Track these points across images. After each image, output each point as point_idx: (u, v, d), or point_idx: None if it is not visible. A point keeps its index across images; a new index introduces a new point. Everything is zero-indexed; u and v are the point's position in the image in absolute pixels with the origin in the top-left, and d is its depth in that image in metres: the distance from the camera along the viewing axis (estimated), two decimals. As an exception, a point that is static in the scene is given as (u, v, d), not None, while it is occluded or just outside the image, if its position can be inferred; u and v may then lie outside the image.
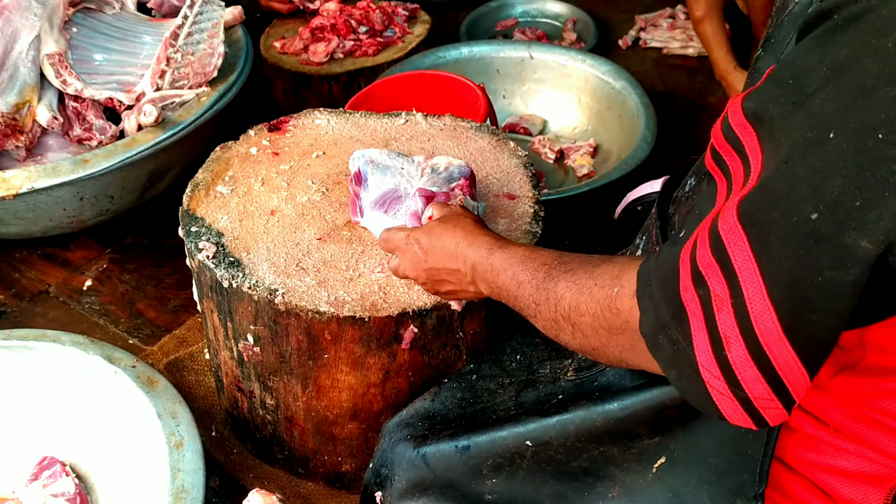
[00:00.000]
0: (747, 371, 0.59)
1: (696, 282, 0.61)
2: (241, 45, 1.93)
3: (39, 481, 1.22)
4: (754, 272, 0.57)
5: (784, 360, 0.58)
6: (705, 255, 0.60)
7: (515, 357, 1.08)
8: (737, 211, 0.58)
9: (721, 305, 0.59)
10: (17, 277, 1.77)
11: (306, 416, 1.20)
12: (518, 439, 0.90)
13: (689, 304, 0.61)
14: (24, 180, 1.58)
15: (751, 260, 0.57)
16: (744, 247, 0.57)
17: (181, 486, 1.11)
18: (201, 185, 1.25)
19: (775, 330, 0.57)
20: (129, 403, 1.23)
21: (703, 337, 0.60)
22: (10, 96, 1.64)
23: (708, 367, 0.61)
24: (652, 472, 0.83)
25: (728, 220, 0.58)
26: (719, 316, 0.59)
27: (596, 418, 0.86)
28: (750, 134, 0.60)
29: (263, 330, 1.11)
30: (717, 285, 0.59)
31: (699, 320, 0.60)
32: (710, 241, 0.59)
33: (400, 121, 1.41)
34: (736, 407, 0.61)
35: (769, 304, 0.56)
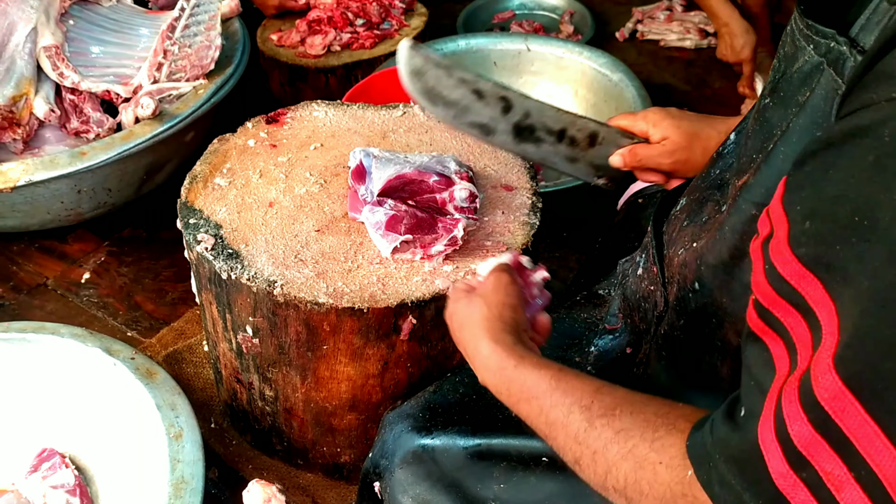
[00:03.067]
0: None
1: (794, 465, 0.54)
2: (238, 37, 1.93)
3: (39, 473, 1.23)
4: (876, 436, 0.50)
5: None
6: (804, 432, 0.53)
7: None
8: (836, 373, 0.51)
9: (841, 484, 0.52)
10: (14, 270, 1.77)
11: (305, 408, 1.20)
12: (534, 452, 0.90)
13: (790, 491, 0.54)
14: (21, 173, 1.58)
15: (868, 424, 0.50)
16: (856, 412, 0.51)
17: (181, 477, 1.11)
18: (199, 177, 1.25)
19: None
20: (129, 395, 1.24)
21: None
22: (7, 89, 1.64)
23: None
24: None
25: (829, 387, 0.52)
26: (842, 495, 0.52)
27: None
28: (813, 283, 0.54)
29: (262, 321, 1.11)
30: (828, 463, 0.52)
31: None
32: (808, 415, 0.53)
33: (398, 113, 1.41)
34: None
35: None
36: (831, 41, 0.67)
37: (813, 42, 0.70)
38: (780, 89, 0.75)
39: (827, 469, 0.52)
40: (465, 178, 1.17)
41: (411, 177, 1.15)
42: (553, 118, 1.12)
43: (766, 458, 0.55)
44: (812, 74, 0.70)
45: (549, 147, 1.12)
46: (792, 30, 0.75)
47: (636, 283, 1.02)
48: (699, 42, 2.48)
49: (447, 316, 0.93)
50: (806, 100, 0.70)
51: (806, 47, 0.71)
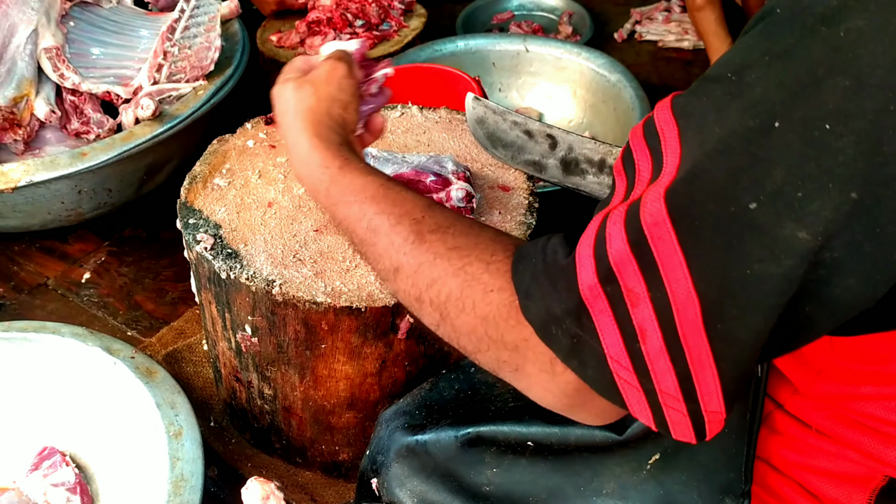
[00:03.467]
0: (660, 362, 0.56)
1: (603, 279, 0.57)
2: (238, 38, 1.94)
3: (40, 471, 1.24)
4: (680, 264, 0.54)
5: (698, 354, 0.55)
6: (621, 250, 0.56)
7: None
8: (665, 202, 0.54)
9: (637, 301, 0.56)
10: (15, 270, 1.78)
11: (304, 406, 1.21)
12: (520, 436, 0.91)
13: (592, 301, 0.58)
14: (22, 174, 1.59)
15: (677, 252, 0.54)
16: (670, 239, 0.54)
17: (180, 475, 1.12)
18: (199, 177, 1.26)
19: (696, 321, 0.54)
20: (129, 394, 1.25)
21: (614, 332, 0.57)
22: (8, 90, 1.65)
23: (618, 359, 0.58)
24: (646, 468, 0.85)
25: (654, 213, 0.55)
26: (634, 311, 0.56)
27: (595, 434, 0.87)
28: (672, 129, 0.57)
29: (261, 320, 1.12)
30: (632, 280, 0.56)
31: (608, 316, 0.57)
32: (629, 236, 0.56)
33: (396, 113, 1.42)
34: (640, 397, 0.58)
35: (694, 296, 0.54)
36: None
37: None
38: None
39: (629, 286, 0.56)
40: (462, 178, 1.18)
41: (408, 177, 1.16)
42: (592, 149, 1.20)
43: (579, 270, 0.58)
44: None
45: (593, 178, 1.20)
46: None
47: None
48: (697, 43, 2.49)
49: (274, 94, 0.87)
50: None
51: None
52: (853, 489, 0.74)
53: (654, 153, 0.58)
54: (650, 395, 0.58)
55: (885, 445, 0.70)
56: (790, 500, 0.79)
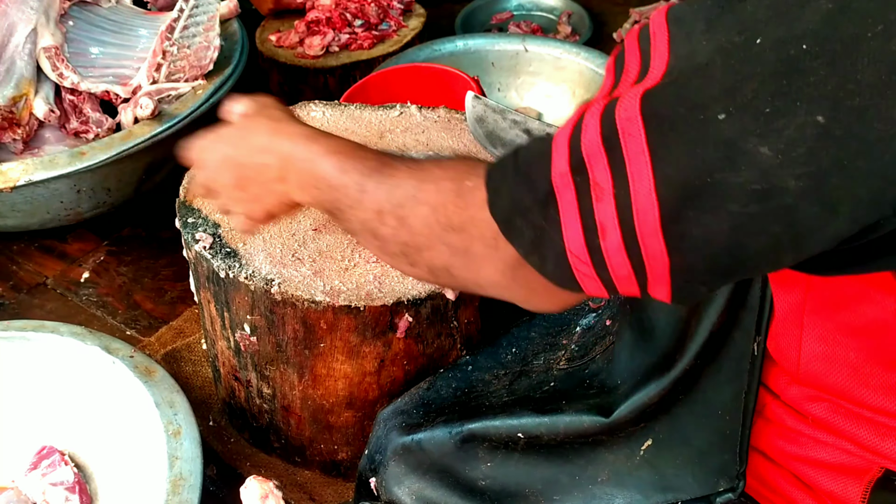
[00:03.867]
0: (617, 258, 0.58)
1: (574, 168, 0.58)
2: (237, 38, 1.94)
3: (38, 470, 1.24)
4: (646, 164, 0.55)
5: (653, 252, 0.57)
6: (593, 141, 0.57)
7: (511, 350, 1.09)
8: (640, 103, 0.55)
9: (601, 195, 0.57)
10: (14, 270, 1.78)
11: (303, 405, 1.21)
12: (511, 430, 0.92)
13: (561, 190, 0.59)
14: (21, 173, 1.59)
15: (644, 152, 0.55)
16: (640, 138, 0.55)
17: (179, 474, 1.12)
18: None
19: (654, 223, 0.55)
20: (127, 393, 1.25)
21: (576, 225, 0.59)
22: (7, 89, 1.65)
23: (577, 254, 0.60)
24: (639, 454, 0.85)
25: (628, 111, 0.56)
26: (598, 205, 0.57)
27: (584, 420, 0.88)
28: (663, 34, 0.58)
29: (260, 319, 1.12)
30: (600, 174, 0.57)
31: (573, 208, 0.59)
32: (602, 129, 0.57)
33: (395, 113, 1.42)
34: (598, 284, 0.61)
35: (654, 198, 0.55)
36: None
37: None
38: None
39: (597, 179, 0.57)
40: None
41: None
42: None
43: (553, 157, 0.60)
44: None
45: None
46: None
47: None
48: (696, 43, 2.49)
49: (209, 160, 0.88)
50: None
51: None
52: (849, 481, 0.74)
53: (644, 55, 0.59)
54: (606, 281, 0.60)
55: (882, 436, 0.70)
56: (785, 492, 0.79)
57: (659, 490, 0.84)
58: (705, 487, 0.81)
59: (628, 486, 0.85)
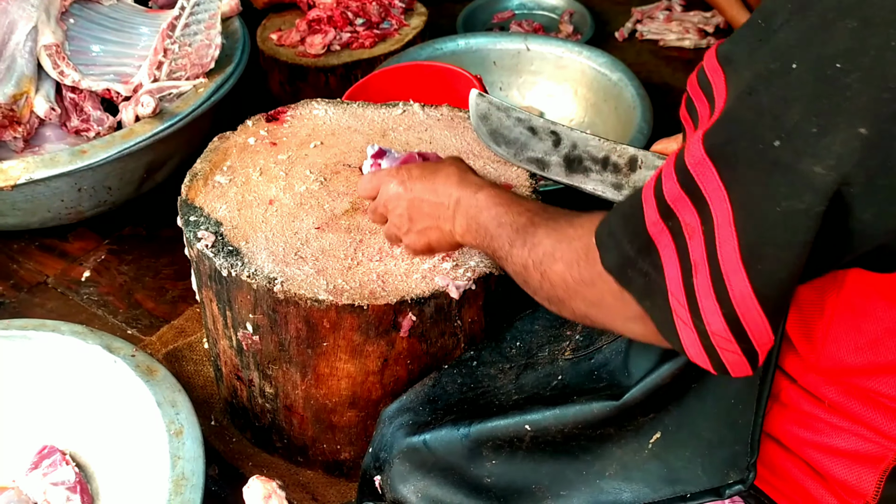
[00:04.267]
0: (708, 300, 0.61)
1: (664, 215, 0.63)
2: (238, 36, 1.93)
3: (39, 470, 1.23)
4: (724, 199, 0.58)
5: (741, 293, 0.59)
6: (673, 189, 0.62)
7: (515, 343, 1.09)
8: (703, 143, 0.60)
9: (693, 233, 0.61)
10: (15, 268, 1.77)
11: (305, 405, 1.21)
12: (518, 425, 0.91)
13: (657, 236, 0.63)
14: (22, 171, 1.58)
15: (720, 188, 0.58)
16: (713, 176, 0.59)
17: (181, 474, 1.11)
18: (200, 174, 1.26)
19: (735, 257, 0.58)
20: (129, 392, 1.24)
21: (675, 265, 0.63)
22: (8, 87, 1.64)
23: (676, 295, 0.63)
24: (648, 447, 0.85)
25: (695, 153, 0.60)
26: (691, 244, 0.61)
27: (594, 407, 0.87)
28: (719, 76, 0.63)
29: (262, 318, 1.12)
30: (688, 215, 0.61)
31: (671, 250, 0.63)
32: (678, 175, 0.61)
33: (397, 111, 1.41)
34: (695, 339, 0.63)
35: (733, 230, 0.58)
36: None
37: None
38: None
39: (687, 220, 0.61)
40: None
41: (428, 156, 1.18)
42: (596, 146, 1.20)
43: (645, 210, 0.65)
44: None
45: (597, 175, 1.20)
46: None
47: None
48: (698, 42, 2.49)
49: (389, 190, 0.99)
50: None
51: None
52: (863, 469, 0.73)
53: (709, 98, 0.64)
54: (703, 336, 0.63)
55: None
56: (797, 481, 0.79)
57: (667, 483, 0.83)
58: (714, 479, 0.81)
59: (636, 479, 0.85)
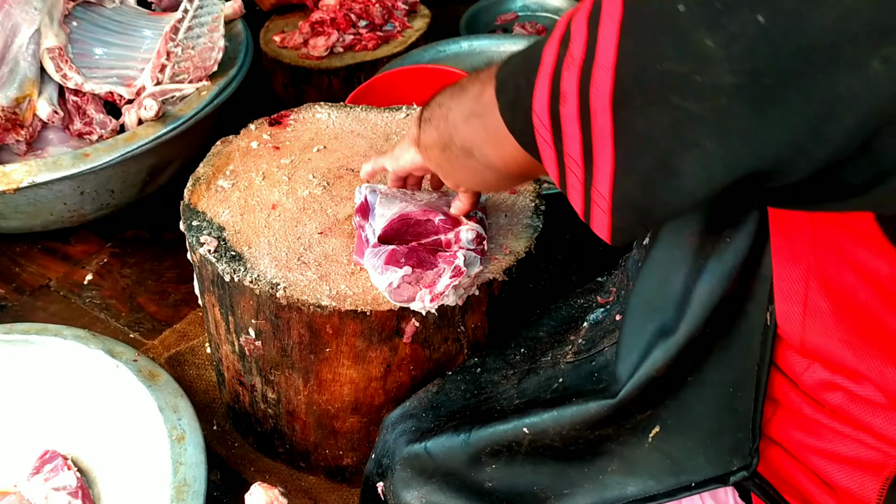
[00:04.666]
0: (571, 127, 0.61)
1: (562, 41, 0.63)
2: (241, 39, 1.93)
3: (41, 475, 1.23)
4: (613, 43, 0.57)
5: (601, 131, 0.59)
6: (581, 19, 0.61)
7: (519, 350, 1.09)
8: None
9: (570, 65, 0.60)
10: (17, 272, 1.77)
11: (308, 410, 1.20)
12: (517, 429, 0.91)
13: (546, 56, 0.64)
14: (24, 174, 1.58)
15: (615, 32, 0.58)
16: (616, 19, 0.58)
17: (183, 480, 1.11)
18: (202, 179, 1.25)
19: (606, 98, 0.58)
20: (131, 397, 1.24)
21: (545, 89, 0.63)
22: (11, 90, 1.64)
23: (540, 116, 0.64)
24: (648, 441, 0.84)
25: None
26: (566, 74, 0.61)
27: (590, 407, 0.87)
28: None
29: (265, 324, 1.11)
30: (577, 47, 0.60)
31: (547, 74, 0.63)
32: (591, 6, 0.60)
33: (401, 115, 1.41)
34: (552, 155, 0.65)
35: (611, 74, 0.57)
36: None
37: None
38: None
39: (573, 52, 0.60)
40: (474, 220, 1.10)
41: (416, 217, 1.09)
42: None
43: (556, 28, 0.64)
44: None
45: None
46: None
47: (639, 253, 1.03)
48: (702, 44, 2.48)
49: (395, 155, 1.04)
50: None
51: None
52: (866, 477, 0.73)
53: None
54: (560, 155, 0.64)
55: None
56: (802, 487, 0.78)
57: (672, 474, 0.83)
58: (718, 467, 0.80)
59: (640, 472, 0.84)
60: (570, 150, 0.62)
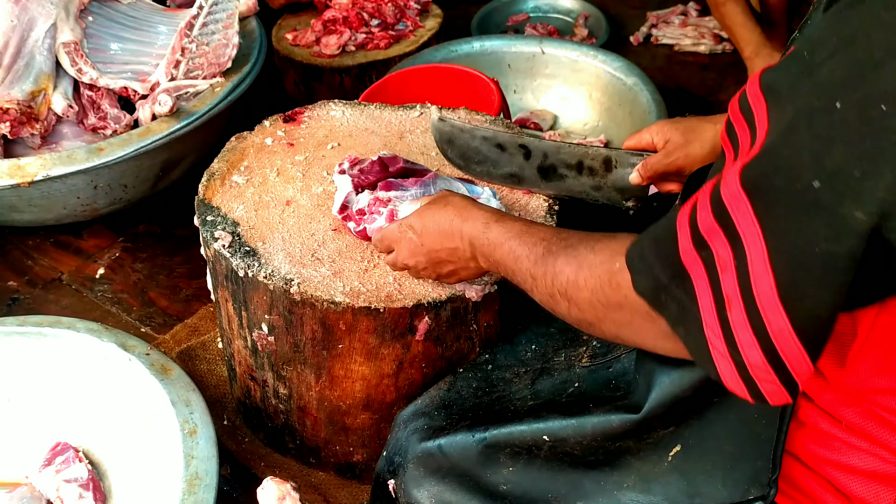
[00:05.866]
0: (744, 334, 0.60)
1: (697, 245, 0.62)
2: (256, 36, 1.94)
3: (52, 467, 1.23)
4: (758, 236, 0.57)
5: (779, 329, 0.58)
6: (707, 220, 0.61)
7: (530, 347, 1.09)
8: (740, 177, 0.59)
9: (725, 267, 0.60)
10: (30, 265, 1.78)
11: (319, 406, 1.21)
12: (536, 434, 0.91)
13: (691, 265, 0.63)
14: (39, 168, 1.59)
15: (755, 224, 0.57)
16: (747, 211, 0.58)
17: (195, 473, 1.11)
18: (217, 174, 1.26)
19: (772, 295, 0.57)
20: (143, 390, 1.24)
21: (708, 297, 0.62)
22: (26, 84, 1.65)
23: (711, 327, 0.62)
24: (667, 460, 0.84)
25: (731, 186, 0.59)
26: (723, 277, 0.60)
27: (613, 420, 0.86)
28: (761, 104, 0.61)
29: (278, 319, 1.12)
30: (721, 248, 0.60)
31: (703, 281, 0.62)
32: (713, 206, 0.61)
33: (415, 113, 1.41)
34: (732, 370, 0.63)
35: (769, 269, 0.57)
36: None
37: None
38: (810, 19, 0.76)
39: (720, 253, 0.61)
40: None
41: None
42: (568, 153, 1.19)
43: (679, 237, 0.64)
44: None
45: (573, 181, 1.20)
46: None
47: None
48: (714, 47, 2.48)
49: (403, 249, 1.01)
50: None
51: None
52: (881, 488, 0.73)
53: (750, 126, 0.62)
54: (741, 368, 0.62)
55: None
56: (818, 498, 0.78)
57: (687, 496, 0.83)
58: (735, 494, 0.80)
59: (655, 492, 0.84)
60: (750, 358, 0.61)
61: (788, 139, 0.56)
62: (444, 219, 0.95)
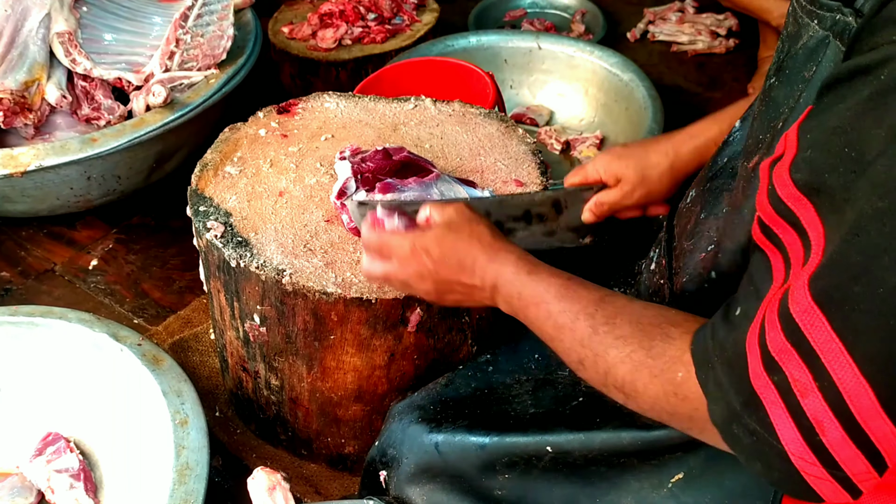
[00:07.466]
0: (846, 451, 0.57)
1: (768, 368, 0.59)
2: (251, 28, 1.93)
3: (43, 457, 1.23)
4: (840, 352, 0.55)
5: (883, 435, 0.56)
6: (777, 340, 0.58)
7: (534, 356, 1.06)
8: (809, 291, 0.56)
9: (805, 391, 0.57)
10: (23, 255, 1.78)
11: (311, 398, 1.21)
12: (539, 444, 0.89)
13: (763, 391, 0.60)
14: (32, 158, 1.58)
15: (833, 340, 0.55)
16: (823, 327, 0.55)
17: (185, 463, 1.11)
18: (210, 165, 1.25)
19: (873, 406, 0.55)
20: (135, 381, 1.24)
21: (789, 425, 0.59)
22: (20, 74, 1.64)
23: (801, 455, 0.59)
24: (667, 486, 0.83)
25: (801, 302, 0.57)
26: (805, 402, 0.57)
27: (623, 437, 0.85)
28: (805, 206, 0.59)
29: (270, 310, 1.12)
30: (796, 370, 0.57)
31: (780, 408, 0.59)
32: (782, 325, 0.58)
33: (409, 105, 1.41)
34: (835, 487, 0.60)
35: (863, 382, 0.55)
36: (837, 13, 0.68)
37: (817, 17, 0.70)
38: (786, 67, 0.76)
39: (796, 376, 0.57)
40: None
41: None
42: (512, 206, 1.11)
43: (749, 359, 0.61)
44: (817, 49, 0.70)
45: (524, 233, 1.11)
46: (794, 9, 0.75)
47: (649, 279, 1.02)
48: (711, 43, 2.48)
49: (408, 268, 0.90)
50: (812, 74, 0.71)
51: (810, 23, 0.71)
52: None
53: (796, 229, 0.60)
54: (844, 481, 0.59)
55: None
56: None
57: None
58: None
59: None
60: (854, 470, 0.58)
61: (857, 244, 0.54)
62: (466, 254, 0.87)
